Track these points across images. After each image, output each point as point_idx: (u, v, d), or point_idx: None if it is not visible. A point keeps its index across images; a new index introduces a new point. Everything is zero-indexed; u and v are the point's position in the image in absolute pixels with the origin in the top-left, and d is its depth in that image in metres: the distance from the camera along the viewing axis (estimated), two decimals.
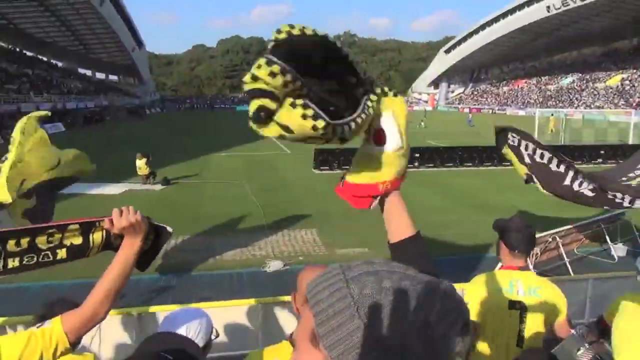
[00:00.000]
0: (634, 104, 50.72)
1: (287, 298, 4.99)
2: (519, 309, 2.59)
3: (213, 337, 2.02)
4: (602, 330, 2.90)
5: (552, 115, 32.81)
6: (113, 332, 4.33)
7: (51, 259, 1.65)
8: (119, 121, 52.92)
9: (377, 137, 1.32)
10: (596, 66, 70.91)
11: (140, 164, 15.06)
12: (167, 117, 61.80)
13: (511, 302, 2.59)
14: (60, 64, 70.27)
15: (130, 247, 1.63)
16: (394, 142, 1.31)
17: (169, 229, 1.81)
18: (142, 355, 1.42)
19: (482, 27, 77.26)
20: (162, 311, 4.39)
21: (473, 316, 2.64)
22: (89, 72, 79.06)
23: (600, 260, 8.11)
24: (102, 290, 1.55)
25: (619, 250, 8.34)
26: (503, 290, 2.61)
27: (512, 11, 69.78)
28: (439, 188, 14.50)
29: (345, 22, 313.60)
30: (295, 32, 1.05)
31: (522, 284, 2.63)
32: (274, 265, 7.92)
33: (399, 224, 1.34)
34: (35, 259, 1.63)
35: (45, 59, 66.49)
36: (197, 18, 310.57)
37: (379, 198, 1.37)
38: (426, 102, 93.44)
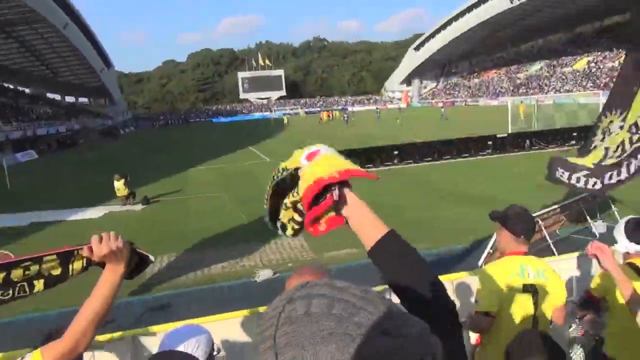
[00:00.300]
0: (601, 85, 52.00)
1: None
2: (532, 291, 2.66)
3: (215, 352, 2.00)
4: (591, 304, 2.97)
5: (521, 102, 33.42)
6: (108, 356, 4.24)
7: (27, 292, 1.59)
8: (92, 143, 52.14)
9: (309, 156, 1.26)
10: (562, 52, 72.57)
11: (119, 185, 14.83)
12: (142, 136, 61.03)
13: (524, 285, 2.66)
14: (27, 91, 68.89)
15: (112, 274, 1.51)
16: (324, 150, 1.27)
17: (152, 257, 1.71)
18: None
19: (449, 22, 78.37)
20: (156, 331, 4.33)
21: (490, 305, 2.67)
22: (57, 97, 77.69)
23: (583, 239, 8.28)
24: (84, 320, 1.45)
25: (599, 227, 8.54)
26: (516, 274, 2.68)
27: (476, 5, 70.92)
28: (420, 184, 14.63)
29: (314, 27, 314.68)
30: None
31: (531, 267, 2.71)
32: (264, 275, 7.88)
33: (365, 228, 1.20)
34: (11, 293, 1.56)
35: (11, 86, 65.11)
36: (165, 34, 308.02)
37: (337, 189, 1.20)
38: (400, 99, 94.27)
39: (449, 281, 4.96)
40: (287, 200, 1.30)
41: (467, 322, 2.83)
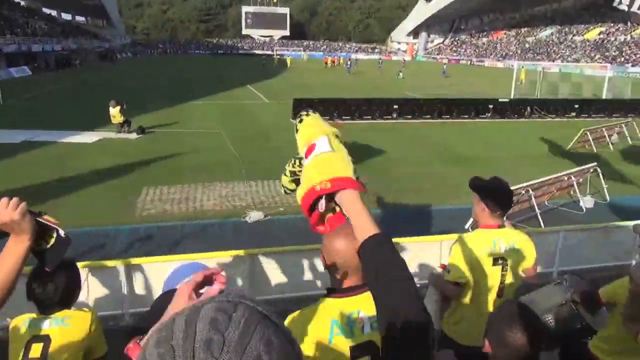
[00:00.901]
0: (610, 58, 51.18)
1: (271, 249, 5.09)
2: (502, 264, 2.76)
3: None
4: (591, 303, 2.93)
5: (523, 67, 32.98)
6: (100, 285, 4.36)
7: None
8: (89, 65, 50.97)
9: (308, 151, 1.47)
10: (575, 18, 70.76)
11: (114, 112, 14.64)
12: (140, 62, 59.69)
13: (495, 259, 2.75)
14: (22, 3, 66.19)
15: (15, 245, 1.32)
16: (321, 148, 1.44)
17: (62, 232, 1.40)
18: (159, 311, 1.43)
19: None
20: (149, 262, 4.44)
21: (459, 277, 2.75)
22: (54, 13, 74.91)
23: (570, 212, 8.43)
24: None
25: (587, 202, 8.66)
26: (487, 248, 2.75)
27: None
28: (417, 140, 14.62)
29: None
30: None
31: (503, 240, 2.78)
32: (254, 216, 7.98)
33: (357, 228, 1.25)
34: None
35: None
36: None
37: (323, 200, 1.34)
38: (405, 51, 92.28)
39: (437, 241, 5.09)
40: (287, 168, 1.81)
41: (431, 279, 3.03)
